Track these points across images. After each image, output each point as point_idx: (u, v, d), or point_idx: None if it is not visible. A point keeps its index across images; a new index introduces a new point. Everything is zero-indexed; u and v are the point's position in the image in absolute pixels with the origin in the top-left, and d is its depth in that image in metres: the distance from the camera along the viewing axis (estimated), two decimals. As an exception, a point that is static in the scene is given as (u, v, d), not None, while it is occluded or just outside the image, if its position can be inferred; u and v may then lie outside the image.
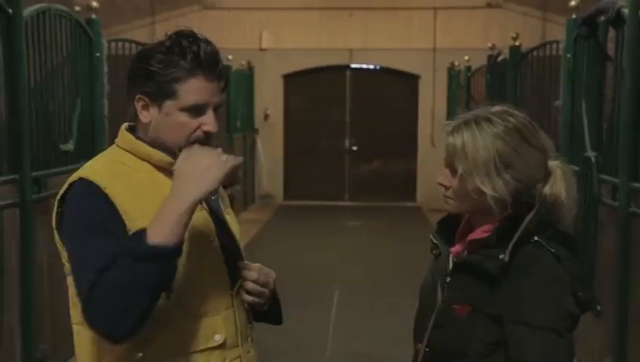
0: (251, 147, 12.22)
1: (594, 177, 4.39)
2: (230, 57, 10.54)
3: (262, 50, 12.44)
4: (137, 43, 6.37)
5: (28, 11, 4.14)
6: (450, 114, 10.89)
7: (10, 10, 3.92)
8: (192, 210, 1.59)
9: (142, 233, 1.56)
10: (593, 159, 4.45)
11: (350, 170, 12.90)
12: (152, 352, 1.67)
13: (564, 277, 1.59)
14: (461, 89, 10.55)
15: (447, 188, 1.71)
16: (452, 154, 1.67)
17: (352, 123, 12.89)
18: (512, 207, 1.65)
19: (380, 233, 9.95)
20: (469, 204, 1.68)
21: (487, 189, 1.62)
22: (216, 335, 1.73)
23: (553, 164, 1.68)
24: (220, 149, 1.66)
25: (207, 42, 1.71)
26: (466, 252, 1.72)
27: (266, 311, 1.87)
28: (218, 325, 1.73)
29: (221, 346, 1.74)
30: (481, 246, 1.66)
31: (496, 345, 1.61)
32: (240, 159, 1.70)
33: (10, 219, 3.95)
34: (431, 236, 1.80)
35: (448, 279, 1.70)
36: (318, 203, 12.46)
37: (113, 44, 6.27)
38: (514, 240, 1.60)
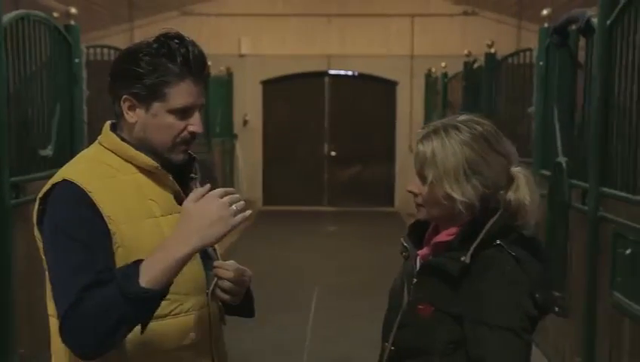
0: (230, 152, 12.23)
1: (564, 182, 4.50)
2: (209, 63, 10.56)
3: (241, 56, 12.48)
4: (116, 49, 6.39)
5: (7, 18, 4.16)
6: (428, 120, 11.01)
7: (-11, 17, 3.94)
8: (189, 258, 1.60)
9: (136, 269, 1.56)
10: (564, 164, 4.56)
11: (329, 175, 12.97)
12: (128, 350, 1.70)
13: (522, 280, 1.65)
14: (438, 95, 10.67)
15: (417, 195, 1.77)
16: (422, 161, 1.73)
17: (330, 129, 12.97)
18: (480, 213, 1.71)
19: (359, 237, 10.02)
20: (439, 210, 1.74)
21: (457, 195, 1.69)
22: (190, 334, 1.77)
23: (516, 170, 1.75)
24: (232, 196, 1.63)
25: (194, 44, 1.75)
26: (431, 255, 1.78)
27: (239, 305, 1.89)
28: (192, 324, 1.78)
29: (195, 344, 1.78)
30: (446, 249, 1.72)
31: (458, 343, 1.67)
32: (248, 213, 1.64)
33: (-11, 224, 3.96)
34: (402, 239, 1.86)
35: (415, 280, 1.76)
36: (297, 208, 12.51)
37: (92, 50, 6.28)
38: (475, 243, 1.67)
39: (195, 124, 1.76)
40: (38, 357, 4.37)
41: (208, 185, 1.65)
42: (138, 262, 1.58)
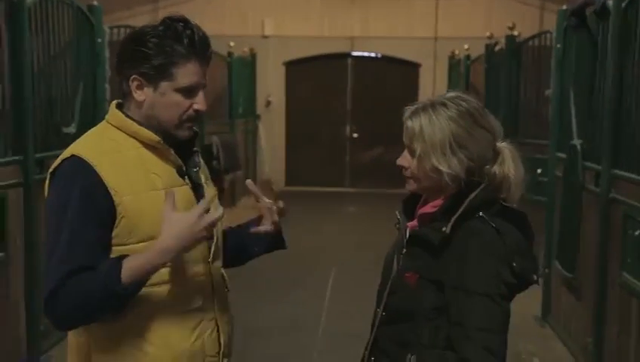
0: (253, 133, 12.35)
1: (578, 164, 4.52)
2: (232, 44, 10.65)
3: (264, 37, 12.54)
4: (139, 29, 6.50)
5: (31, -2, 4.28)
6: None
7: (14, -3, 4.06)
8: (164, 264, 1.77)
9: (118, 266, 1.71)
10: (578, 147, 4.58)
11: (351, 157, 13.03)
12: (136, 313, 1.82)
13: (501, 249, 1.73)
14: (460, 78, 10.65)
15: (406, 168, 1.87)
16: (411, 136, 1.83)
17: (353, 110, 13.00)
18: (465, 185, 1.79)
19: (378, 218, 10.07)
20: (427, 183, 1.84)
21: (444, 167, 1.78)
22: (193, 299, 1.89)
23: (501, 145, 1.84)
24: (204, 201, 1.80)
25: (198, 27, 1.85)
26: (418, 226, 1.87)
27: (276, 238, 2.10)
28: (196, 290, 1.89)
29: (198, 309, 1.90)
30: (430, 220, 1.82)
31: (441, 309, 1.76)
32: (220, 212, 1.80)
33: (15, 198, 4.12)
34: (396, 212, 1.95)
35: (404, 250, 1.86)
36: (318, 189, 12.60)
37: (115, 30, 6.39)
38: (456, 214, 1.76)
39: (199, 102, 1.86)
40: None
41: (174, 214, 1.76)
42: (121, 259, 1.73)
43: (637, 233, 3.57)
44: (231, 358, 2.06)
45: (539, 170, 6.15)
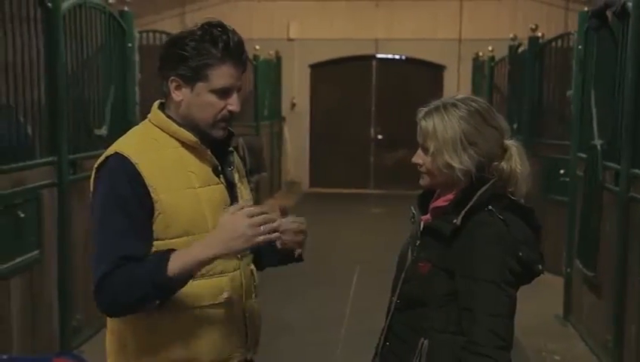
0: (278, 135, 12.48)
1: (599, 164, 4.57)
2: (257, 47, 10.79)
3: (289, 40, 12.67)
4: (167, 33, 6.66)
5: (65, 4, 4.44)
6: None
7: (49, 4, 4.22)
8: (210, 262, 1.86)
9: (166, 258, 1.81)
10: (599, 147, 4.62)
11: (375, 158, 13.11)
12: (167, 305, 1.91)
13: (508, 239, 1.85)
14: (485, 79, 10.68)
15: (421, 165, 1.99)
16: (425, 135, 1.96)
17: (377, 112, 13.08)
18: (475, 180, 1.91)
19: (402, 220, 10.07)
20: (440, 178, 1.96)
21: (456, 163, 1.90)
22: (223, 293, 1.98)
23: (509, 142, 1.96)
24: (264, 217, 1.81)
25: (234, 32, 1.96)
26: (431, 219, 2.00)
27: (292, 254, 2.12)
28: (225, 285, 1.99)
29: (227, 303, 1.99)
30: (442, 213, 1.94)
31: (452, 295, 1.89)
32: (275, 235, 1.83)
33: (49, 198, 4.27)
34: (411, 207, 2.08)
35: (418, 242, 1.99)
36: (343, 190, 12.70)
37: (144, 35, 6.56)
38: (467, 207, 1.88)
39: (233, 103, 1.97)
40: (92, 323, 4.69)
41: (249, 205, 1.85)
42: (170, 252, 1.84)
43: (655, 231, 3.62)
44: (256, 352, 2.14)
45: (562, 171, 6.19)
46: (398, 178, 12.72)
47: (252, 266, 2.13)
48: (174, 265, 1.81)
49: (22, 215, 3.91)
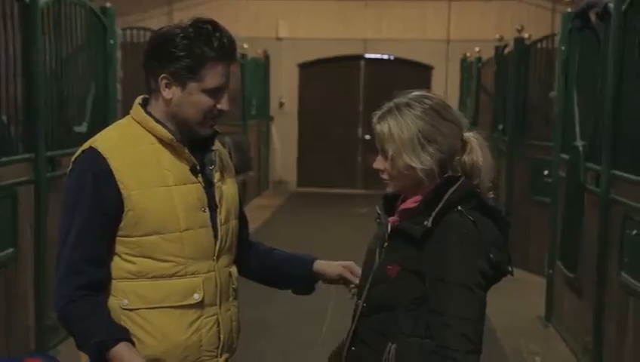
0: (266, 134, 12.45)
1: (580, 165, 4.56)
2: (246, 46, 10.75)
3: (278, 39, 12.64)
4: (152, 31, 6.61)
5: (43, 0, 4.38)
6: (462, 105, 11.04)
7: (26, 0, 4.17)
8: None
9: (116, 336, 1.86)
10: (581, 148, 4.62)
11: (363, 158, 13.09)
12: (136, 301, 1.91)
13: (478, 241, 1.80)
14: (472, 80, 10.68)
15: (382, 171, 1.93)
16: (382, 139, 1.90)
17: (365, 112, 13.03)
18: (441, 180, 1.87)
19: (389, 220, 10.13)
20: (404, 182, 1.91)
21: (416, 163, 1.85)
22: (194, 294, 1.95)
23: (468, 135, 1.91)
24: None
25: (226, 30, 1.92)
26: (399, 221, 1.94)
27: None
28: (197, 285, 1.95)
29: (199, 304, 1.96)
30: (411, 215, 1.89)
31: (421, 299, 1.84)
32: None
33: (25, 195, 4.22)
34: (376, 208, 2.03)
35: (386, 244, 1.93)
36: (330, 190, 12.68)
37: (128, 32, 6.51)
38: (437, 208, 1.83)
39: (224, 103, 1.94)
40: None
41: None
42: (124, 335, 1.88)
43: (634, 233, 3.61)
44: (234, 354, 2.11)
45: (546, 172, 6.19)
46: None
47: (232, 269, 2.09)
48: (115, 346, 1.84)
49: (-4, 212, 3.86)
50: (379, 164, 1.94)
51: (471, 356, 1.78)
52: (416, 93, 1.93)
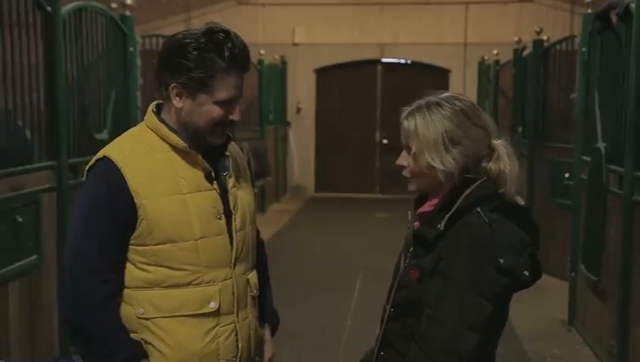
0: (283, 140, 12.47)
1: (603, 167, 4.52)
2: (262, 52, 10.78)
3: (294, 44, 12.67)
4: (170, 38, 6.65)
5: (66, 8, 4.42)
6: (480, 108, 10.97)
7: (48, 8, 4.21)
8: None
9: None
10: (602, 150, 4.57)
11: (380, 163, 13.06)
12: (151, 311, 1.91)
13: (489, 245, 1.75)
14: (490, 83, 10.64)
15: (405, 167, 1.92)
16: (407, 135, 1.89)
17: (382, 116, 13.04)
18: (459, 182, 1.84)
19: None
20: (425, 181, 1.89)
21: (437, 163, 1.83)
22: (211, 303, 1.93)
23: (496, 142, 1.88)
24: None
25: (237, 37, 1.89)
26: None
27: None
28: (214, 294, 1.94)
29: (215, 313, 1.94)
30: (429, 219, 1.88)
31: None
32: None
33: (48, 202, 4.25)
34: (409, 212, 2.01)
35: (411, 248, 1.92)
36: (348, 195, 12.66)
37: (147, 40, 6.56)
38: (450, 212, 1.81)
39: (235, 113, 1.93)
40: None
41: None
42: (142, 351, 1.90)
43: (659, 235, 3.57)
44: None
45: (566, 174, 6.14)
46: (403, 182, 12.57)
47: (250, 276, 2.07)
48: None
49: (20, 219, 3.88)
50: (402, 160, 1.93)
51: (446, 358, 1.74)
52: (447, 93, 1.92)
